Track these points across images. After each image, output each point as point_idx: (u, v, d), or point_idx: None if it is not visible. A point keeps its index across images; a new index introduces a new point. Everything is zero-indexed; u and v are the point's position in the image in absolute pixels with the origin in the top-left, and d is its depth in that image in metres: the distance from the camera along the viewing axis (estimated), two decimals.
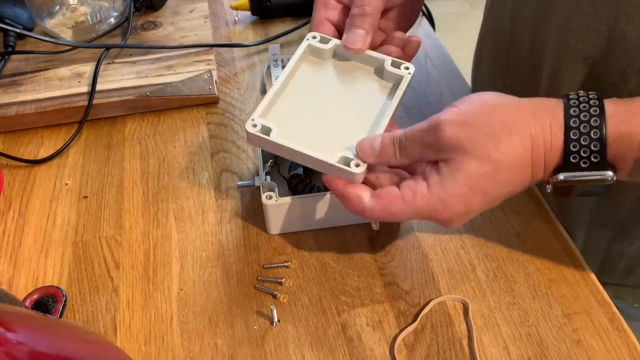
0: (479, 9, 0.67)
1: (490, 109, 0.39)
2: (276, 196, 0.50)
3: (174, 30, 0.73)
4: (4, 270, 0.51)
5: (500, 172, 0.38)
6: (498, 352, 0.44)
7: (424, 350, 0.45)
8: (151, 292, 0.49)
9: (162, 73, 0.66)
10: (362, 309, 0.47)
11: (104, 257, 0.51)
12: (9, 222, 0.55)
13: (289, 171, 0.54)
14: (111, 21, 0.74)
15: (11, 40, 0.69)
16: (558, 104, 0.38)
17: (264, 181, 0.51)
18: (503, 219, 0.53)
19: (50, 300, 0.47)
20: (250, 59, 0.72)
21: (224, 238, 0.53)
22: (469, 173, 0.38)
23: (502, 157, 0.38)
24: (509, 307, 0.47)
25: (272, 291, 0.48)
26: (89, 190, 0.57)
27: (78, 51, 0.69)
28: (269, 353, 0.45)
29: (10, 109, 0.62)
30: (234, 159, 0.60)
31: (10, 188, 0.58)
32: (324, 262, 0.50)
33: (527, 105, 0.39)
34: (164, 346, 0.45)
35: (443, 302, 0.47)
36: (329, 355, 0.45)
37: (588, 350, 0.44)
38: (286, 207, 0.50)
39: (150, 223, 0.54)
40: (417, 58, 0.71)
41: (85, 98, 0.63)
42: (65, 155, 0.61)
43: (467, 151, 0.38)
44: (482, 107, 0.39)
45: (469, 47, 0.73)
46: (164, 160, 0.60)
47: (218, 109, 0.66)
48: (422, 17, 0.78)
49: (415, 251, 0.51)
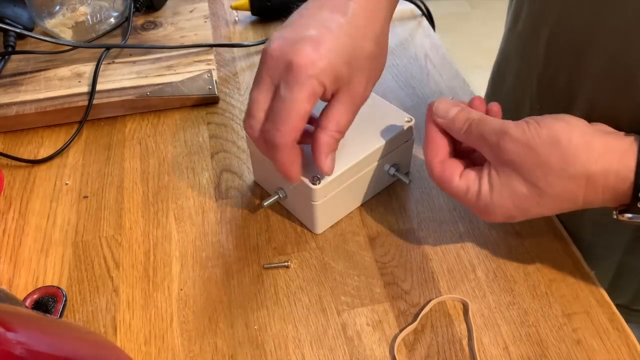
0: (479, 9, 0.67)
1: (555, 141, 0.39)
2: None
3: (174, 30, 0.73)
4: (4, 270, 0.51)
5: (545, 198, 0.40)
6: (498, 352, 0.44)
7: (424, 350, 0.45)
8: (151, 292, 0.49)
9: (162, 73, 0.66)
10: (362, 309, 0.47)
11: (104, 257, 0.51)
12: (9, 222, 0.55)
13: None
14: (111, 21, 0.74)
15: (11, 40, 0.69)
16: (631, 147, 0.38)
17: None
18: None
19: (50, 300, 0.47)
20: (250, 59, 0.72)
21: (224, 238, 0.53)
22: (515, 191, 0.41)
23: (549, 188, 0.40)
24: (509, 307, 0.47)
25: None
26: (89, 190, 0.57)
27: (78, 51, 0.69)
28: (269, 353, 0.45)
29: (10, 109, 0.62)
30: (234, 159, 0.60)
31: (10, 188, 0.58)
32: (324, 262, 0.50)
33: (596, 145, 0.39)
34: (164, 346, 0.45)
35: (443, 302, 0.47)
36: (329, 355, 0.45)
37: (588, 350, 0.44)
38: (333, 188, 0.49)
39: (150, 223, 0.54)
40: (417, 58, 0.72)
41: (85, 98, 0.63)
42: (65, 155, 0.61)
43: (518, 170, 0.40)
44: (550, 136, 0.39)
45: (469, 47, 0.73)
46: (164, 160, 0.60)
47: (218, 109, 0.66)
48: (422, 17, 0.78)
49: (415, 251, 0.51)
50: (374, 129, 0.52)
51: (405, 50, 0.73)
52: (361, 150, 0.50)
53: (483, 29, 2.24)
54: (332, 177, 0.48)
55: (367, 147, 0.50)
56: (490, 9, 2.37)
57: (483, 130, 0.42)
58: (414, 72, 0.70)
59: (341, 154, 0.50)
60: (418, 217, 0.54)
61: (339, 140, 0.46)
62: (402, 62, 0.71)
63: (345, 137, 0.51)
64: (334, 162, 0.46)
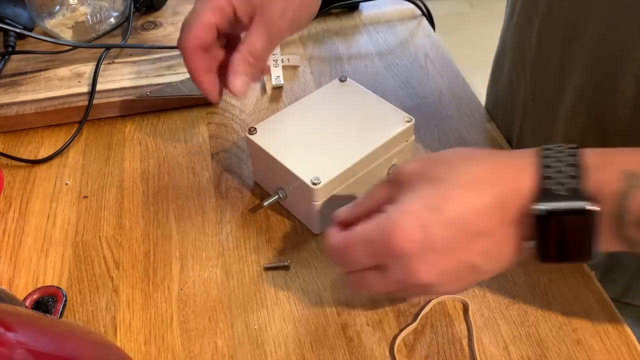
0: (479, 9, 0.67)
1: (446, 156, 0.38)
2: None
3: (174, 30, 0.73)
4: (4, 270, 0.51)
5: (455, 189, 0.35)
6: (498, 352, 0.44)
7: (424, 350, 0.45)
8: (151, 292, 0.49)
9: (162, 73, 0.66)
10: (362, 309, 0.47)
11: (104, 257, 0.51)
12: (9, 222, 0.55)
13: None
14: (111, 21, 0.74)
15: (11, 40, 0.69)
16: (531, 156, 0.36)
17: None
18: None
19: (50, 300, 0.47)
20: None
21: (224, 238, 0.53)
22: (420, 192, 0.36)
23: (455, 175, 0.36)
24: (509, 307, 0.47)
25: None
26: (89, 190, 0.57)
27: (78, 51, 0.69)
28: (269, 353, 0.45)
29: (10, 109, 0.62)
30: (234, 159, 0.60)
31: (10, 188, 0.58)
32: (324, 262, 0.50)
33: (492, 155, 0.38)
34: (164, 346, 0.45)
35: (443, 302, 0.47)
36: (329, 355, 0.45)
37: (588, 350, 0.44)
38: (332, 188, 0.50)
39: (150, 223, 0.54)
40: (417, 58, 0.72)
41: (85, 98, 0.63)
42: (65, 155, 0.61)
43: (421, 176, 0.37)
44: (442, 155, 0.38)
45: (469, 47, 0.73)
46: (164, 160, 0.60)
47: (218, 109, 0.66)
48: (422, 17, 0.78)
49: None
50: (374, 129, 0.52)
51: (405, 50, 0.73)
52: (361, 150, 0.50)
53: (483, 29, 2.24)
54: (332, 177, 0.48)
55: (367, 147, 0.50)
56: (490, 9, 2.37)
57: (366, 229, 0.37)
58: (414, 72, 0.70)
59: (341, 153, 0.50)
60: None
61: (254, 66, 0.49)
62: (402, 62, 0.71)
63: (346, 137, 0.51)
64: (246, 87, 0.49)
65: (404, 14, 0.79)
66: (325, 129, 0.52)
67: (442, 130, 0.62)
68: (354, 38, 0.75)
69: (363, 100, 0.55)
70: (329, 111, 0.54)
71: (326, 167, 0.49)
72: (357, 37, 0.75)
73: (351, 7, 0.79)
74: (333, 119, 0.53)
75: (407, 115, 0.53)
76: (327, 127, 0.53)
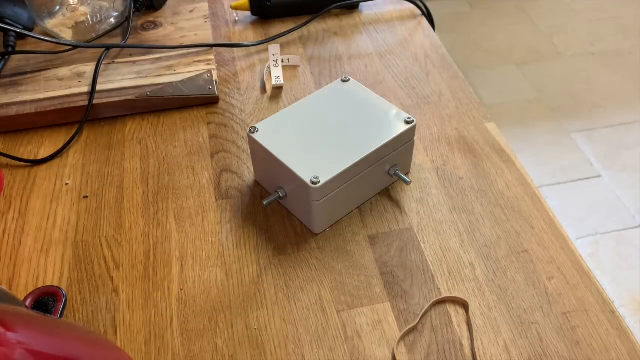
0: (479, 9, 0.67)
1: None
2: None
3: (174, 30, 0.73)
4: (4, 270, 0.51)
5: None
6: (498, 352, 0.44)
7: (424, 350, 0.45)
8: (151, 292, 0.49)
9: (162, 73, 0.66)
10: (362, 309, 0.47)
11: (104, 257, 0.51)
12: (9, 222, 0.55)
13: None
14: (111, 21, 0.74)
15: (11, 40, 0.69)
16: None
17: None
18: (503, 219, 0.53)
19: (50, 300, 0.47)
20: (250, 59, 0.72)
21: (224, 238, 0.53)
22: None
23: None
24: (509, 307, 0.47)
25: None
26: (89, 190, 0.57)
27: (78, 51, 0.69)
28: (269, 353, 0.45)
29: (10, 109, 0.62)
30: (234, 159, 0.60)
31: (10, 188, 0.58)
32: (324, 262, 0.50)
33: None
34: (164, 346, 0.46)
35: (443, 302, 0.47)
36: (329, 355, 0.45)
37: (588, 350, 0.44)
38: (332, 187, 0.49)
39: (150, 223, 0.54)
40: (417, 58, 0.72)
41: (85, 98, 0.63)
42: (65, 155, 0.61)
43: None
44: None
45: (469, 47, 0.73)
46: (164, 160, 0.60)
47: (218, 109, 0.66)
48: (422, 17, 0.78)
49: (415, 251, 0.51)
50: (376, 130, 0.52)
51: (405, 50, 0.73)
52: (361, 150, 0.50)
53: (483, 29, 2.24)
54: (332, 176, 0.48)
55: (368, 147, 0.50)
56: (490, 9, 2.37)
57: None
58: (414, 72, 0.70)
59: (342, 153, 0.50)
60: (418, 217, 0.54)
61: None
62: (402, 62, 0.71)
63: (347, 137, 0.51)
64: None
65: (404, 14, 0.79)
66: (326, 129, 0.53)
67: (442, 130, 0.62)
68: (354, 38, 0.75)
69: (365, 100, 0.55)
70: (330, 111, 0.54)
71: (326, 167, 0.49)
72: (357, 37, 0.75)
73: (351, 7, 0.79)
74: (334, 119, 0.53)
75: (409, 116, 0.53)
76: (329, 127, 0.53)
